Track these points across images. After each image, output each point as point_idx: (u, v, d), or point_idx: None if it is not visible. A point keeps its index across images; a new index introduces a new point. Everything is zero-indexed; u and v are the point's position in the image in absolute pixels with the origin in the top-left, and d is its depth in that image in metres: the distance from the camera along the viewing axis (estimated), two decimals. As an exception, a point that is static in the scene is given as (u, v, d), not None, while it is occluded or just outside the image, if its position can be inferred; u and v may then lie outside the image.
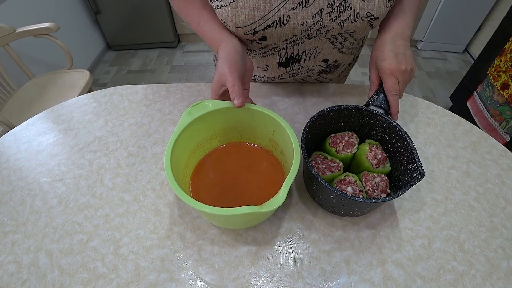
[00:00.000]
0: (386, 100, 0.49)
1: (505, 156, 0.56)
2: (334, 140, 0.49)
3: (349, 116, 0.50)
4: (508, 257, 0.43)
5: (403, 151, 0.45)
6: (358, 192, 0.43)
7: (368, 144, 0.48)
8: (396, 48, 0.48)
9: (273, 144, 0.50)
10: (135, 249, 0.44)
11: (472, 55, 2.25)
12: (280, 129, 0.45)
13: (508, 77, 1.24)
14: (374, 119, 0.48)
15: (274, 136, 0.48)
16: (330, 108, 0.48)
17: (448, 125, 0.61)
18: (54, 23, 1.32)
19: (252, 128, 0.50)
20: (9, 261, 0.43)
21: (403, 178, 0.44)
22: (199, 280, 0.41)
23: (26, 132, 0.60)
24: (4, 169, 0.54)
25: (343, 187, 0.43)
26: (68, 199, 0.50)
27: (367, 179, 0.45)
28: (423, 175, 0.40)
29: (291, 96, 0.66)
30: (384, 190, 0.44)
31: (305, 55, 0.57)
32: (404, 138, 0.45)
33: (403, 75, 0.47)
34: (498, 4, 1.99)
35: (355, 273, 0.42)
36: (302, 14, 0.47)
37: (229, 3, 0.46)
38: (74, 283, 0.41)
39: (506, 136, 1.29)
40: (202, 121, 0.45)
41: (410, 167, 0.43)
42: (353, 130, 0.51)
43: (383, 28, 0.52)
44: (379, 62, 0.49)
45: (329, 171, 0.45)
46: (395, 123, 0.46)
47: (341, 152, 0.48)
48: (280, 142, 0.48)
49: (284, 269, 0.42)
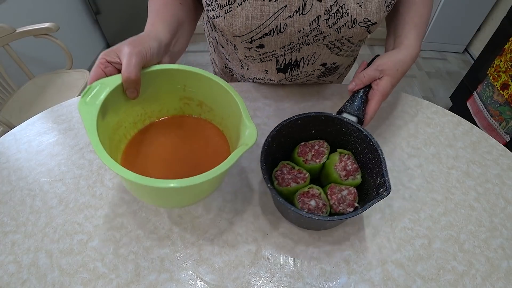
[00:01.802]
0: (361, 107, 0.47)
1: (505, 156, 0.56)
2: (303, 149, 0.47)
3: (319, 124, 0.47)
4: (508, 257, 0.43)
5: (374, 162, 0.42)
6: (322, 206, 0.41)
7: (339, 154, 0.46)
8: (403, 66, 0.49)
9: (186, 102, 0.46)
10: (135, 249, 0.44)
11: (472, 55, 2.25)
12: (195, 80, 0.42)
13: (508, 77, 1.24)
14: (345, 127, 0.46)
15: (187, 91, 0.44)
16: (297, 116, 0.46)
17: (448, 125, 0.61)
18: (54, 23, 1.32)
19: (157, 96, 0.44)
20: (9, 261, 0.43)
21: (371, 192, 0.41)
22: (199, 280, 0.41)
23: (26, 132, 0.60)
24: (4, 169, 0.54)
25: (305, 200, 0.41)
26: (68, 199, 0.50)
27: (333, 191, 0.42)
28: (389, 191, 0.37)
29: (291, 97, 0.66)
30: (351, 204, 0.41)
31: (303, 61, 0.57)
32: (375, 149, 0.42)
33: (392, 86, 0.48)
34: (498, 4, 1.99)
35: (355, 273, 0.42)
36: (299, 21, 0.47)
37: (226, 13, 0.46)
38: (74, 283, 0.41)
39: (506, 136, 1.29)
40: (114, 112, 0.39)
41: (378, 181, 0.40)
42: (325, 138, 0.48)
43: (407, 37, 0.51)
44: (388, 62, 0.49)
45: (294, 182, 0.43)
46: (366, 132, 0.43)
47: (309, 162, 0.46)
48: (195, 94, 0.44)
49: (284, 269, 0.42)
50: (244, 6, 0.45)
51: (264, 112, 0.63)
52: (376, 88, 0.48)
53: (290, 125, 0.46)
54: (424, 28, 0.52)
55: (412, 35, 0.50)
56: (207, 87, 0.42)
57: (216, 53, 0.71)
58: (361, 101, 0.48)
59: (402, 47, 0.50)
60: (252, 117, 0.62)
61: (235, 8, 0.45)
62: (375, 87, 0.49)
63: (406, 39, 0.50)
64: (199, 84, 0.43)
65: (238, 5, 0.45)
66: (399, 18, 0.54)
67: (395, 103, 0.65)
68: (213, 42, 0.69)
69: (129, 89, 0.38)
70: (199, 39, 2.35)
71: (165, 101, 0.46)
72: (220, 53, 0.70)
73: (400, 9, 0.54)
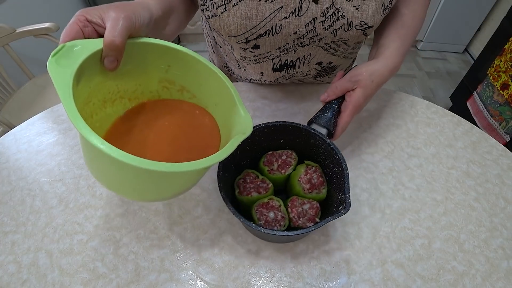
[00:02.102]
0: (332, 119, 0.45)
1: (505, 156, 0.56)
2: (269, 158, 0.46)
3: (288, 133, 0.46)
4: (508, 257, 0.43)
5: (339, 177, 0.40)
6: (280, 219, 0.40)
7: (305, 165, 0.44)
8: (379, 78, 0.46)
9: (165, 86, 0.41)
10: (135, 249, 0.44)
11: (472, 55, 2.25)
12: (182, 61, 0.37)
13: (508, 77, 1.24)
14: (313, 138, 0.44)
15: (169, 73, 0.40)
16: (264, 125, 0.44)
17: (448, 125, 0.61)
18: (54, 23, 1.32)
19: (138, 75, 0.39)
20: (9, 261, 0.43)
21: (332, 207, 0.40)
22: (199, 280, 0.41)
23: (26, 132, 0.60)
24: (4, 169, 0.54)
25: (264, 211, 0.40)
26: (68, 199, 0.50)
27: (294, 205, 0.41)
28: (348, 209, 0.35)
29: (290, 96, 0.66)
30: (312, 219, 0.40)
31: (298, 61, 0.57)
32: (340, 164, 0.40)
33: (365, 98, 0.46)
34: (498, 4, 1.99)
35: (355, 273, 0.42)
36: (295, 23, 0.47)
37: (221, 12, 0.46)
38: (74, 283, 0.41)
39: (506, 136, 1.29)
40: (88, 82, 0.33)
41: (340, 197, 0.38)
42: (294, 149, 0.47)
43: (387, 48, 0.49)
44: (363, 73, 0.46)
45: (256, 192, 0.42)
46: (333, 145, 0.42)
47: (274, 172, 0.44)
48: (179, 77, 0.40)
49: (284, 269, 0.42)
50: (240, 6, 0.45)
51: (264, 112, 0.63)
52: (348, 99, 0.46)
53: (256, 133, 0.43)
54: (409, 40, 0.50)
55: (393, 46, 0.48)
56: (194, 71, 0.38)
57: (214, 52, 0.71)
58: (333, 112, 0.46)
59: (381, 57, 0.47)
60: (252, 117, 0.62)
61: (230, 8, 0.45)
62: (348, 99, 0.46)
63: (387, 50, 0.48)
64: (186, 67, 0.38)
65: (234, 5, 0.45)
66: (385, 28, 0.52)
67: (395, 103, 0.65)
68: (211, 42, 0.69)
69: (110, 57, 0.32)
70: (199, 39, 2.35)
71: (142, 81, 0.40)
72: (218, 53, 0.70)
73: (387, 19, 0.52)
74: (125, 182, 0.33)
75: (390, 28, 0.50)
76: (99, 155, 0.29)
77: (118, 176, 0.32)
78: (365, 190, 0.51)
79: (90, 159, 0.33)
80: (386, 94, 0.67)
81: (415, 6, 0.52)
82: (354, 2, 0.45)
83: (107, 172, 0.32)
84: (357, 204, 0.49)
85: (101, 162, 0.31)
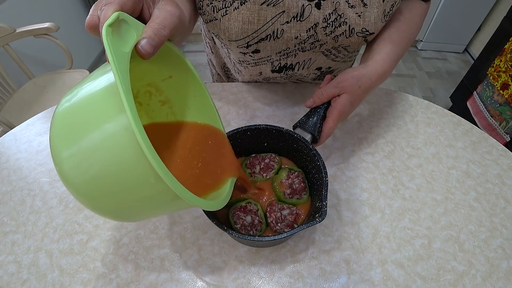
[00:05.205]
0: (317, 124, 0.44)
1: (505, 156, 0.56)
2: (252, 161, 0.45)
3: (271, 137, 0.45)
4: (508, 257, 0.43)
5: (319, 184, 0.39)
6: (257, 223, 0.39)
7: (287, 170, 0.43)
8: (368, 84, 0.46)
9: (149, 91, 0.36)
10: (135, 249, 0.44)
11: (472, 55, 2.25)
12: (184, 79, 0.35)
13: (508, 77, 1.24)
14: (296, 143, 0.44)
15: (165, 83, 0.36)
16: (246, 127, 0.43)
17: (448, 125, 0.61)
18: (54, 23, 1.32)
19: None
20: (9, 261, 0.43)
21: (309, 214, 0.39)
22: (199, 280, 0.41)
23: (26, 132, 0.60)
24: (4, 169, 0.54)
25: (241, 215, 0.39)
26: (68, 199, 0.50)
27: (272, 209, 0.40)
28: (323, 217, 0.34)
29: (290, 96, 0.66)
30: (290, 225, 0.39)
31: (298, 65, 0.57)
32: (320, 170, 0.39)
33: (352, 104, 0.45)
34: (498, 4, 1.99)
35: (355, 273, 0.42)
36: (296, 28, 0.47)
37: (222, 16, 0.45)
38: (74, 283, 0.41)
39: (506, 136, 1.29)
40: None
41: (317, 204, 0.37)
42: (278, 152, 0.47)
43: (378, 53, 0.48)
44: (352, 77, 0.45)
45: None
46: (315, 151, 0.41)
47: (256, 175, 0.44)
48: (170, 90, 0.36)
49: (284, 269, 0.42)
50: (241, 10, 0.44)
51: (264, 112, 0.63)
52: (334, 105, 0.45)
53: (238, 135, 0.43)
54: (403, 46, 0.49)
55: (384, 51, 0.47)
56: (187, 91, 0.36)
57: (213, 53, 0.71)
58: (318, 117, 0.45)
59: (370, 62, 0.46)
60: (252, 117, 0.62)
61: (231, 12, 0.44)
62: (333, 104, 0.45)
63: (378, 55, 0.47)
64: (183, 84, 0.36)
65: (235, 8, 0.44)
66: (378, 32, 0.51)
67: (395, 103, 0.65)
68: (209, 43, 0.69)
69: (152, 40, 0.26)
70: (199, 39, 2.35)
71: (134, 77, 0.30)
72: (217, 53, 0.70)
73: None
74: (145, 210, 0.28)
75: (384, 33, 0.50)
76: (147, 183, 0.23)
77: (147, 206, 0.26)
78: (365, 190, 0.51)
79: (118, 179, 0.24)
80: (386, 94, 0.67)
81: (413, 12, 0.52)
82: (356, 9, 0.45)
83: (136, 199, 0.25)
84: (357, 204, 0.49)
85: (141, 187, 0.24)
